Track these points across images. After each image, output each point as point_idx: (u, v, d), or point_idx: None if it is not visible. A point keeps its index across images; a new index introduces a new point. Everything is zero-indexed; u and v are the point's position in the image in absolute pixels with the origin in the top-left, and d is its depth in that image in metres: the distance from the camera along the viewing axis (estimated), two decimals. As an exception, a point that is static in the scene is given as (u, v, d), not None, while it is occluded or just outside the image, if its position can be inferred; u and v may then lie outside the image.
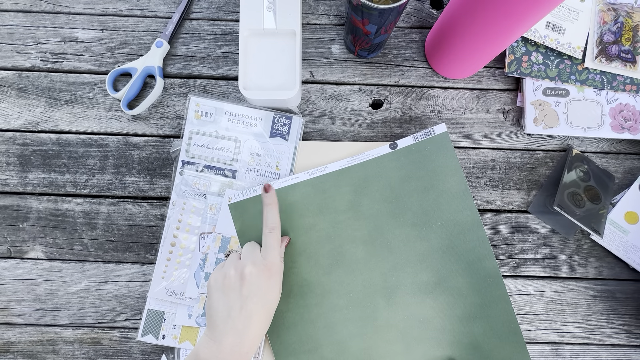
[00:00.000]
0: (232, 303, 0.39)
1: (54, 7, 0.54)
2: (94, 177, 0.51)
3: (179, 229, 0.48)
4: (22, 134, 0.51)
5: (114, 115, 0.52)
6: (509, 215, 0.52)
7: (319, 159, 0.50)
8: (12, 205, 0.50)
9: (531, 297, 0.50)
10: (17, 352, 0.48)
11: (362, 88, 0.53)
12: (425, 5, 0.55)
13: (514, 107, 0.53)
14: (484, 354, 0.46)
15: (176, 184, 0.49)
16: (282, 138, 0.50)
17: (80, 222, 0.50)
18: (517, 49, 0.52)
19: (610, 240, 0.50)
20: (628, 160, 0.53)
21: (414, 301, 0.47)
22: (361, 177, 0.48)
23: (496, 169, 0.52)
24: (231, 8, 0.54)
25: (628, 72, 0.51)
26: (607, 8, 0.52)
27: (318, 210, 0.48)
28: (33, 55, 0.53)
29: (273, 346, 0.46)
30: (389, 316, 0.46)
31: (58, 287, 0.49)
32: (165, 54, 0.52)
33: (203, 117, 0.50)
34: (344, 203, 0.48)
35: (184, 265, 0.48)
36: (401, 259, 0.47)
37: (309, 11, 0.54)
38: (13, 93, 0.52)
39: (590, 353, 0.50)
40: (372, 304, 0.47)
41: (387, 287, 0.47)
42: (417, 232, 0.47)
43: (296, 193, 0.48)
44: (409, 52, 0.54)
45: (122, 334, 0.49)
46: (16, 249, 0.50)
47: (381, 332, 0.46)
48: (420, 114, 0.53)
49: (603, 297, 0.50)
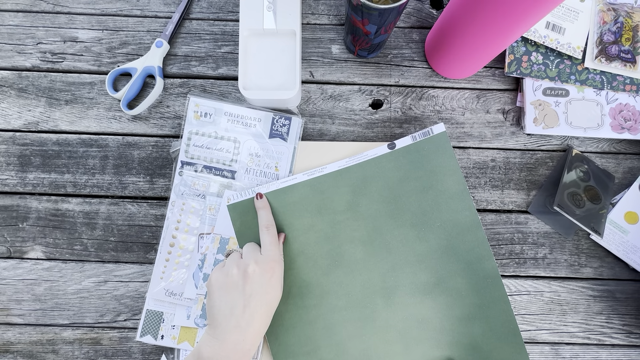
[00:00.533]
0: (235, 301, 0.39)
1: (54, 7, 0.54)
2: (94, 177, 0.51)
3: (177, 229, 0.48)
4: (22, 134, 0.51)
5: (114, 115, 0.52)
6: (509, 216, 0.52)
7: (318, 159, 0.50)
8: (12, 205, 0.50)
9: (531, 297, 0.50)
10: (17, 352, 0.48)
11: (362, 88, 0.53)
12: (425, 5, 0.55)
13: (514, 107, 0.53)
14: (483, 354, 0.46)
15: (175, 185, 0.49)
16: (282, 139, 0.50)
17: (80, 222, 0.50)
18: (517, 49, 0.52)
19: (610, 240, 0.50)
20: (628, 160, 0.53)
21: (413, 302, 0.47)
22: (359, 177, 0.48)
23: (496, 169, 0.52)
24: (231, 8, 0.54)
25: (628, 72, 0.51)
26: (607, 8, 0.52)
27: (316, 210, 0.48)
28: (33, 55, 0.53)
29: (272, 347, 0.46)
30: (388, 317, 0.46)
31: (58, 287, 0.49)
32: (165, 54, 0.52)
33: (202, 118, 0.50)
34: (343, 204, 0.48)
35: (183, 265, 0.48)
36: (400, 259, 0.47)
37: (309, 11, 0.54)
38: (13, 93, 0.52)
39: (590, 353, 0.50)
40: (371, 304, 0.47)
41: (386, 287, 0.47)
42: (415, 233, 0.47)
43: (295, 194, 0.48)
44: (409, 52, 0.54)
45: (121, 334, 0.49)
46: (16, 249, 0.50)
47: (380, 333, 0.46)
48: (420, 114, 0.53)
49: (603, 297, 0.50)
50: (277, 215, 0.48)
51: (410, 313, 0.46)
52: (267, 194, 0.48)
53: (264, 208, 0.47)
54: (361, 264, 0.47)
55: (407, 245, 0.47)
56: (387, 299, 0.47)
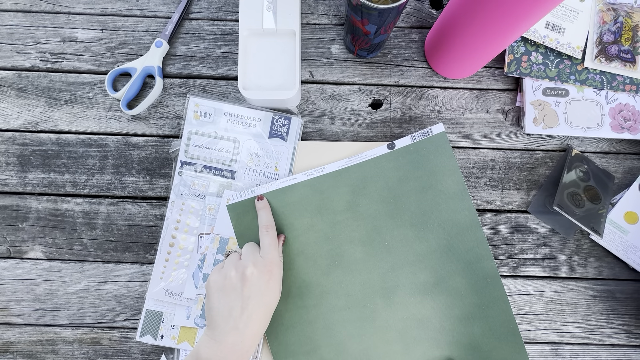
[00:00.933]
0: (234, 303, 0.40)
1: (54, 7, 0.54)
2: (94, 177, 0.51)
3: (177, 229, 0.48)
4: (22, 134, 0.51)
5: (114, 115, 0.52)
6: (509, 215, 0.52)
7: (318, 159, 0.50)
8: (11, 205, 0.50)
9: (531, 297, 0.50)
10: (16, 352, 0.48)
11: (362, 88, 0.53)
12: (425, 5, 0.55)
13: (514, 107, 0.53)
14: (482, 354, 0.46)
15: (175, 185, 0.49)
16: (281, 139, 0.50)
17: (79, 222, 0.50)
18: (516, 49, 0.52)
19: (610, 240, 0.50)
20: (628, 160, 0.53)
21: (412, 301, 0.47)
22: (359, 177, 0.48)
23: (496, 169, 0.52)
24: (231, 8, 0.54)
25: (628, 72, 0.51)
26: (606, 8, 0.52)
27: (316, 210, 0.48)
28: (32, 55, 0.53)
29: (272, 347, 0.46)
30: (387, 316, 0.46)
31: (57, 287, 0.49)
32: (164, 53, 0.52)
33: (202, 118, 0.50)
34: (342, 203, 0.48)
35: (183, 265, 0.48)
36: (400, 259, 0.47)
37: (308, 11, 0.54)
38: (12, 93, 0.52)
39: (590, 353, 0.50)
40: (370, 304, 0.47)
41: (386, 287, 0.47)
42: (415, 233, 0.47)
43: (294, 194, 0.48)
44: (409, 52, 0.54)
45: (121, 334, 0.49)
46: (16, 249, 0.50)
47: (380, 333, 0.46)
48: (419, 114, 0.53)
49: (603, 297, 0.50)
50: (277, 215, 0.48)
51: (409, 313, 0.46)
52: (267, 194, 0.48)
53: (264, 209, 0.47)
54: (361, 264, 0.47)
55: (406, 245, 0.47)
56: (387, 299, 0.47)
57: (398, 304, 0.47)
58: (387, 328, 0.46)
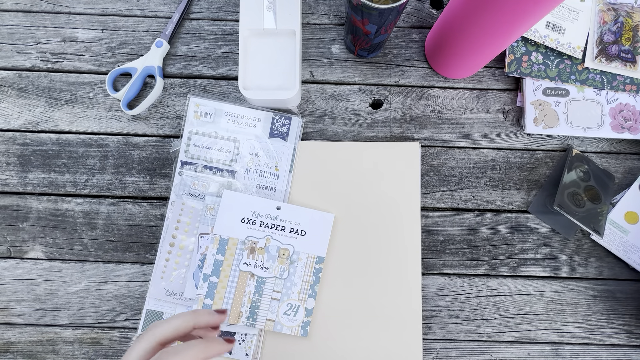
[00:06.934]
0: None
1: (54, 7, 0.54)
2: (94, 177, 0.51)
3: (177, 229, 0.48)
4: (22, 133, 0.51)
5: (114, 115, 0.52)
6: (509, 215, 0.52)
7: (318, 159, 0.50)
8: (12, 205, 0.50)
9: (531, 297, 0.50)
10: (16, 352, 0.48)
11: (362, 88, 0.53)
12: (425, 5, 0.55)
13: (514, 107, 0.53)
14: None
15: (175, 184, 0.49)
16: (282, 138, 0.50)
17: (80, 222, 0.50)
18: (517, 49, 0.52)
19: (610, 240, 0.50)
20: (628, 160, 0.53)
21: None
22: None
23: (496, 169, 0.52)
24: (231, 8, 0.54)
25: (628, 72, 0.51)
26: (607, 8, 0.52)
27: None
28: (33, 55, 0.53)
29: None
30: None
31: (58, 287, 0.49)
32: (165, 53, 0.52)
33: (202, 118, 0.50)
34: None
35: (183, 265, 0.48)
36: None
37: (308, 11, 0.54)
38: (13, 93, 0.52)
39: (590, 353, 0.49)
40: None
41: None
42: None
43: None
44: (409, 52, 0.54)
45: (122, 334, 0.49)
46: (16, 249, 0.50)
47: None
48: (420, 113, 0.53)
49: (603, 297, 0.50)
50: None
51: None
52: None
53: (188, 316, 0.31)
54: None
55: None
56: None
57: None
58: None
